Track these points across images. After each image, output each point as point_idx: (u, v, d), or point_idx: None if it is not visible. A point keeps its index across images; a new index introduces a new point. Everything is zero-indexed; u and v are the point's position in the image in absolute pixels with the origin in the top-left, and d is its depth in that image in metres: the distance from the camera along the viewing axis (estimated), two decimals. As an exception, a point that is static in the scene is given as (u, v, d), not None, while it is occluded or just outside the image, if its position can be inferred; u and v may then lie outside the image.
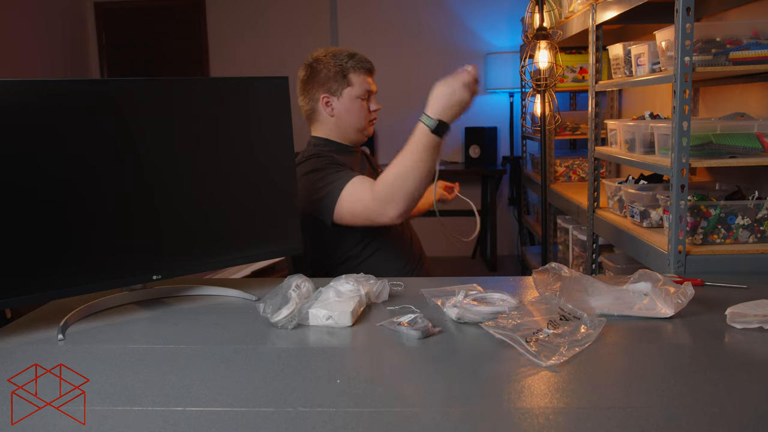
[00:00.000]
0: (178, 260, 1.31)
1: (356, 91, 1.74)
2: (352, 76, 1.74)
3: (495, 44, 4.70)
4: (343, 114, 1.76)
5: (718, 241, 1.59)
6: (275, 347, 1.08)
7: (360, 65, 1.74)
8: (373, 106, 1.78)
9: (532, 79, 2.96)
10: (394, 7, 4.75)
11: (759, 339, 1.06)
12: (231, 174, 1.35)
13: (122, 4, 5.05)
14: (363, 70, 1.75)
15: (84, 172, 1.18)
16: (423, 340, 1.08)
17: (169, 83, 1.30)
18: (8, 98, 1.10)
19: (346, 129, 1.78)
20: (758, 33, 1.58)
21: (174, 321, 1.22)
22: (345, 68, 1.74)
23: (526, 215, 4.38)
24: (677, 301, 1.15)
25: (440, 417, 0.82)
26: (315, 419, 0.82)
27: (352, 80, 1.74)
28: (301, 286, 1.22)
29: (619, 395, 0.87)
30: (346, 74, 1.74)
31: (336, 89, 1.74)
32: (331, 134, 1.79)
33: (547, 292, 1.23)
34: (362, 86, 1.75)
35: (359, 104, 1.76)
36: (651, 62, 1.84)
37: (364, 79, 1.75)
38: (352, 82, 1.74)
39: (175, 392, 0.91)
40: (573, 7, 2.58)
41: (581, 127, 3.42)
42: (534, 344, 0.99)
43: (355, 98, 1.75)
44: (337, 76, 1.74)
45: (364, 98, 1.76)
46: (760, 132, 1.60)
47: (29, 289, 1.14)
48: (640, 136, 1.86)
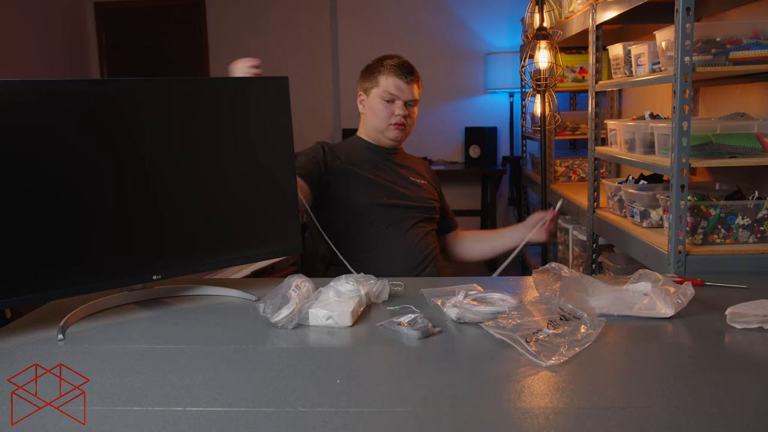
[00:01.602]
0: (178, 260, 1.31)
1: (380, 91, 1.80)
2: (381, 77, 1.80)
3: (495, 44, 4.70)
4: (368, 112, 1.85)
5: (718, 241, 1.59)
6: (275, 347, 1.08)
7: (392, 69, 1.79)
8: (397, 110, 1.80)
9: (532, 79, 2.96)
10: (394, 6, 4.75)
11: (759, 339, 1.06)
12: (231, 174, 1.35)
13: (122, 4, 5.05)
14: (394, 73, 1.79)
15: (84, 172, 1.18)
16: (423, 340, 1.08)
17: (169, 83, 1.30)
18: (8, 98, 1.10)
19: (368, 127, 1.87)
20: (758, 33, 1.58)
21: (174, 321, 1.22)
22: (377, 68, 1.82)
23: (526, 215, 4.37)
24: (677, 301, 1.15)
25: (440, 417, 0.82)
26: (315, 419, 0.82)
27: (380, 81, 1.80)
28: (301, 286, 1.22)
29: (619, 395, 0.87)
30: (377, 74, 1.81)
31: (367, 88, 1.84)
32: (361, 131, 1.91)
33: (547, 292, 1.23)
34: (387, 88, 1.79)
35: (381, 105, 1.80)
36: (651, 62, 1.84)
37: (392, 82, 1.79)
38: (379, 82, 1.80)
39: (175, 392, 0.91)
40: (573, 7, 2.58)
41: (581, 127, 3.41)
42: (534, 344, 0.99)
43: (378, 98, 1.80)
44: (371, 75, 1.83)
45: (387, 100, 1.79)
46: (760, 132, 1.60)
47: (29, 289, 1.14)
48: (640, 136, 1.86)
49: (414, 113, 1.85)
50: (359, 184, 1.78)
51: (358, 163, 1.82)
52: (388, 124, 1.81)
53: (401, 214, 1.79)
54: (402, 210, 1.80)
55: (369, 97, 1.84)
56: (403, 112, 1.80)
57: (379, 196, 1.78)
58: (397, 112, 1.80)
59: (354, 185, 1.78)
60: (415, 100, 1.83)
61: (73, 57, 4.93)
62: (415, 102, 1.83)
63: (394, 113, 1.80)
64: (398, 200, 1.80)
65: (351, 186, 1.78)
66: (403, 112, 1.80)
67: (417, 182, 1.88)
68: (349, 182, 1.79)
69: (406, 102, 1.81)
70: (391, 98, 1.79)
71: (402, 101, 1.80)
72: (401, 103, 1.80)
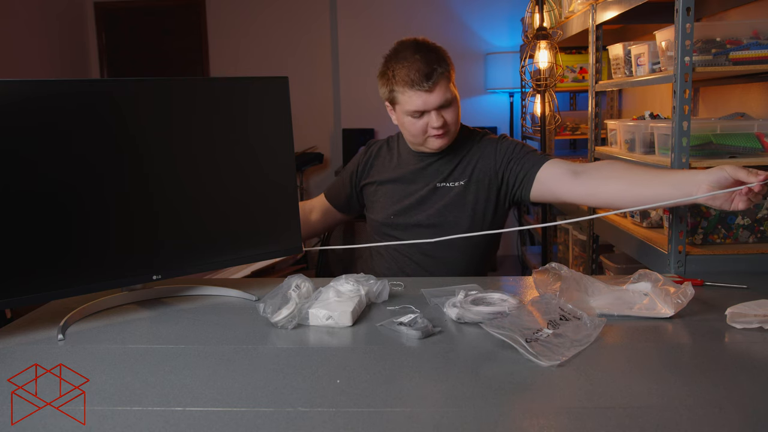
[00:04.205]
0: (178, 260, 1.31)
1: (404, 109, 1.56)
2: (398, 94, 1.56)
3: (495, 44, 4.70)
4: (401, 127, 1.64)
5: (718, 241, 1.59)
6: (275, 347, 1.08)
7: (406, 82, 1.52)
8: (432, 122, 1.54)
9: (532, 79, 2.96)
10: (393, 7, 4.75)
11: (759, 339, 1.06)
12: (231, 174, 1.35)
13: (122, 4, 5.05)
14: (410, 86, 1.52)
15: (84, 172, 1.18)
16: (423, 340, 1.08)
17: (169, 83, 1.30)
18: (8, 98, 1.10)
19: (407, 139, 1.66)
20: (758, 33, 1.58)
21: (174, 321, 1.22)
22: (392, 81, 1.56)
23: (526, 215, 4.38)
24: (677, 301, 1.15)
25: (440, 417, 0.82)
26: (315, 419, 0.82)
27: (399, 98, 1.56)
28: (301, 286, 1.23)
29: (619, 395, 0.87)
30: (393, 90, 1.57)
31: (390, 100, 1.61)
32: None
33: (547, 292, 1.23)
34: (410, 106, 1.54)
35: (410, 121, 1.57)
36: (651, 62, 1.84)
37: (413, 98, 1.53)
38: (399, 99, 1.56)
39: (175, 392, 0.91)
40: (573, 7, 2.58)
41: (581, 127, 3.42)
42: (534, 344, 0.99)
43: (405, 115, 1.57)
44: (388, 87, 1.58)
45: (415, 117, 1.56)
46: (760, 132, 1.60)
47: (29, 289, 1.14)
48: (640, 136, 1.86)
49: (454, 112, 1.57)
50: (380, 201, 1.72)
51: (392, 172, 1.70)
52: (426, 137, 1.59)
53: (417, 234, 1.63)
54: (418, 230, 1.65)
55: (396, 112, 1.61)
56: (439, 123, 1.54)
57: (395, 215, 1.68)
58: (432, 124, 1.55)
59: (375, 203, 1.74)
60: (448, 99, 1.54)
61: (72, 57, 4.93)
62: (449, 101, 1.55)
63: (429, 125, 1.56)
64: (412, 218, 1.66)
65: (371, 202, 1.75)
66: (438, 123, 1.54)
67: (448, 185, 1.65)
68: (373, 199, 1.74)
69: (439, 108, 1.54)
70: (419, 114, 1.55)
71: (432, 110, 1.54)
72: (433, 114, 1.54)
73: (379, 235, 1.72)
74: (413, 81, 1.51)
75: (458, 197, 1.63)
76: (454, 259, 1.65)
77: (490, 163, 1.64)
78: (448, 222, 1.63)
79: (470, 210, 1.63)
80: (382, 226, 1.70)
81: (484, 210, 1.64)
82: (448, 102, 1.55)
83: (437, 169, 1.66)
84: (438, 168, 1.66)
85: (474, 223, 1.63)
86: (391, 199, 1.69)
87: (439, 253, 1.64)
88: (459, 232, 1.58)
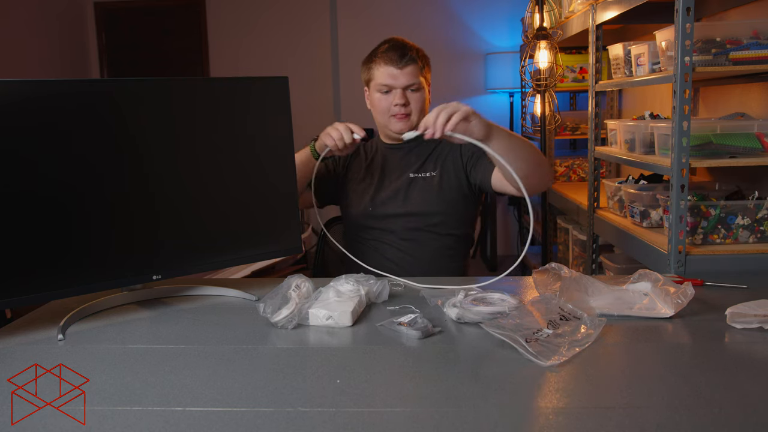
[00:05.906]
0: (178, 260, 1.31)
1: (376, 84, 1.67)
2: (374, 67, 1.67)
3: (495, 44, 4.70)
4: (371, 107, 1.74)
5: (718, 241, 1.59)
6: (275, 347, 1.08)
7: (382, 56, 1.65)
8: (395, 99, 1.64)
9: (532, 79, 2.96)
10: (394, 7, 4.75)
11: (759, 339, 1.06)
12: (231, 174, 1.35)
13: (122, 4, 5.05)
14: (384, 61, 1.64)
15: (84, 172, 1.18)
16: (423, 340, 1.08)
17: (169, 83, 1.30)
18: (8, 98, 1.10)
19: (377, 123, 1.76)
20: (758, 33, 1.58)
21: (174, 321, 1.22)
22: (371, 58, 1.68)
23: (526, 215, 4.38)
24: (677, 301, 1.15)
25: (440, 417, 0.82)
26: (315, 419, 0.82)
27: (374, 73, 1.67)
28: (301, 286, 1.23)
29: (619, 395, 0.87)
30: (371, 65, 1.68)
31: (367, 81, 1.72)
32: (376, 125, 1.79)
33: (547, 292, 1.23)
34: (380, 79, 1.65)
35: (378, 97, 1.68)
36: (651, 62, 1.84)
37: (384, 71, 1.64)
38: (374, 74, 1.67)
39: (175, 392, 0.91)
40: (573, 7, 2.58)
41: (581, 127, 3.42)
42: (534, 344, 0.99)
43: (376, 91, 1.68)
44: (367, 67, 1.70)
45: (384, 91, 1.66)
46: (760, 132, 1.60)
47: (29, 289, 1.14)
48: (640, 136, 1.86)
49: (419, 98, 1.66)
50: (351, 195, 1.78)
51: (356, 169, 1.79)
52: (389, 116, 1.67)
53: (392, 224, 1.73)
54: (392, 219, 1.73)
55: (370, 91, 1.72)
56: (401, 101, 1.64)
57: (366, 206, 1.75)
58: (395, 101, 1.64)
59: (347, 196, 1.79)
60: (416, 83, 1.65)
61: (73, 57, 4.93)
62: (416, 86, 1.65)
63: (392, 104, 1.65)
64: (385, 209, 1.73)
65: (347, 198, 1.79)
66: (400, 101, 1.64)
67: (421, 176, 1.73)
68: (344, 193, 1.80)
69: (405, 88, 1.64)
70: (387, 89, 1.65)
71: (399, 89, 1.64)
72: (399, 92, 1.64)
73: (358, 228, 1.77)
74: (389, 58, 1.64)
75: (431, 186, 1.73)
76: (432, 242, 1.73)
77: (457, 155, 1.75)
78: (423, 211, 1.72)
79: (443, 198, 1.73)
80: (360, 217, 1.75)
81: (456, 198, 1.73)
82: (415, 87, 1.66)
83: (410, 161, 1.76)
84: (411, 160, 1.76)
85: (447, 211, 1.73)
86: (367, 191, 1.76)
87: (420, 238, 1.73)
88: (434, 219, 1.71)
